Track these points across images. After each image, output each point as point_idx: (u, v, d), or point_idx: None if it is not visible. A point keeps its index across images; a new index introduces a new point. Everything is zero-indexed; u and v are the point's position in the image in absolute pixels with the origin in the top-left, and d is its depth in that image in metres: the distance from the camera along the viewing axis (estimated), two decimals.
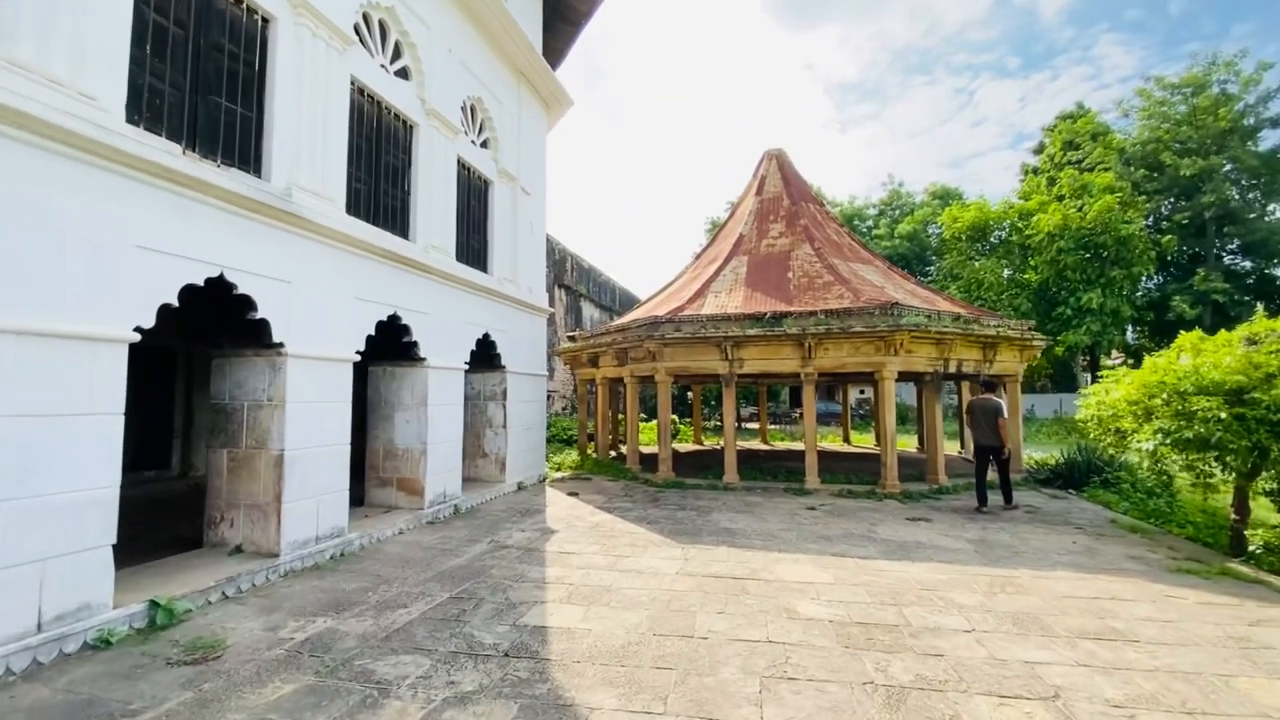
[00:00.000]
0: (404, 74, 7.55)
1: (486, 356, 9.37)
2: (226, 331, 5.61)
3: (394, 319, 6.97)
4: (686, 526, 7.21)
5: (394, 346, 7.37)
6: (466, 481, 9.20)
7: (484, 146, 9.67)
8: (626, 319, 12.51)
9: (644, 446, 13.79)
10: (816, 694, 3.22)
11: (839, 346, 9.42)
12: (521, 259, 10.52)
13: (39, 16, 3.66)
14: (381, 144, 7.17)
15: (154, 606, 4.18)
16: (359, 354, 6.33)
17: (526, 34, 10.02)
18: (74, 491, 3.75)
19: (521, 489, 10.06)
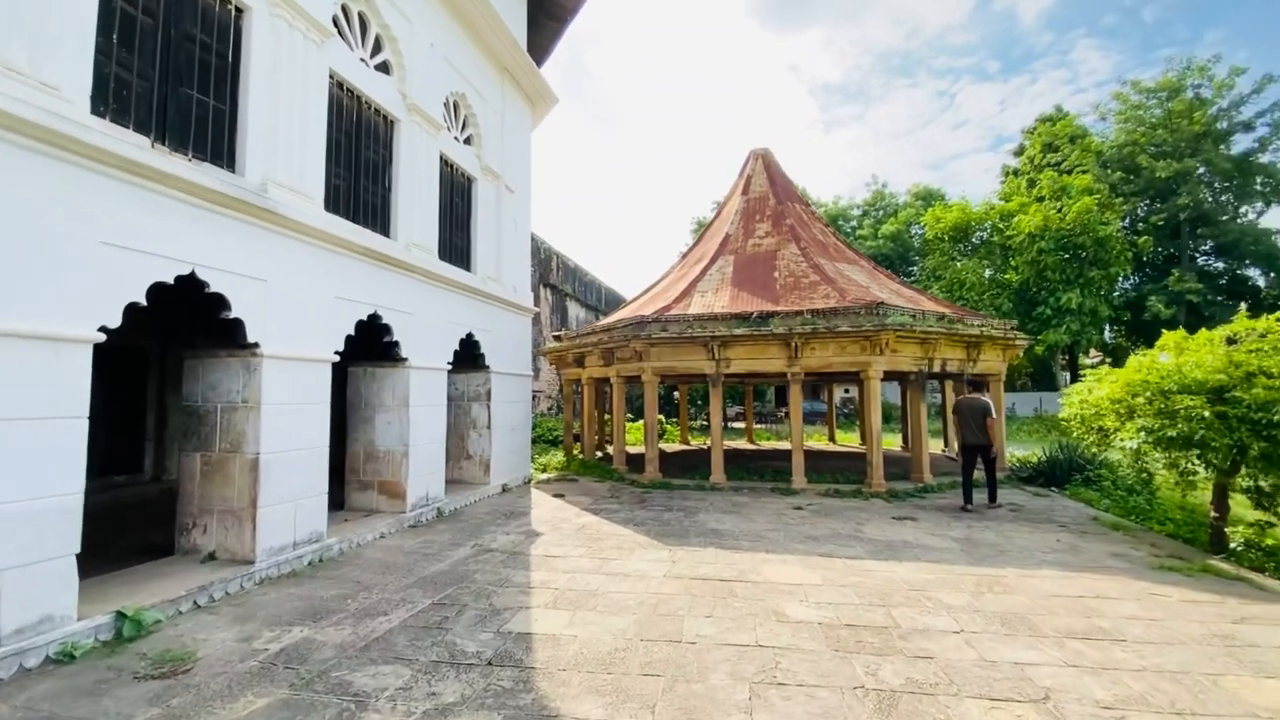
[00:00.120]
0: (385, 68, 7.40)
1: (470, 356, 9.23)
2: (199, 331, 5.43)
3: (374, 318, 6.82)
4: (673, 528, 7.14)
5: (375, 346, 7.22)
6: (450, 484, 9.05)
7: (467, 143, 9.52)
8: (613, 318, 12.42)
9: (630, 447, 13.72)
10: (807, 700, 3.17)
11: (825, 346, 9.42)
12: (506, 257, 10.39)
13: None
14: (361, 139, 7.01)
15: (121, 618, 4.01)
16: (338, 354, 6.17)
17: (510, 29, 9.88)
18: (34, 499, 3.58)
19: (506, 491, 9.93)
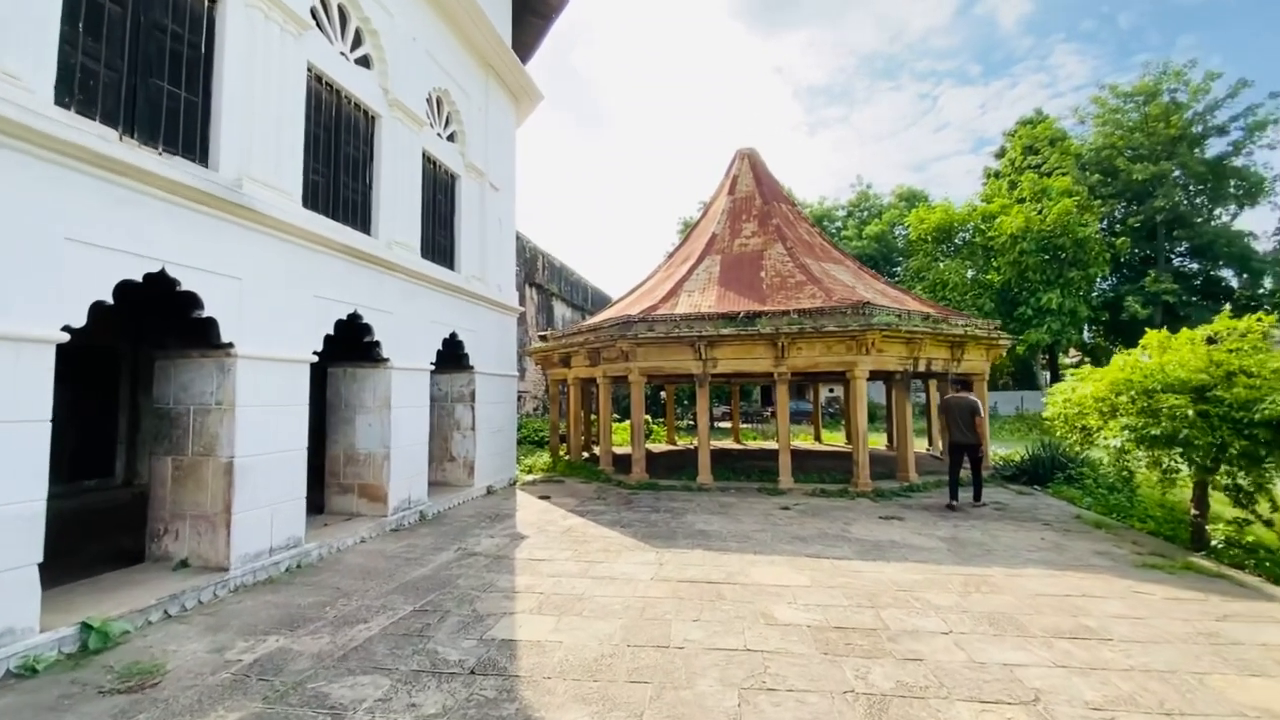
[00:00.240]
0: (365, 62, 7.24)
1: (454, 357, 9.08)
2: (171, 331, 5.25)
3: (355, 318, 6.67)
4: (661, 529, 7.07)
5: (355, 347, 7.06)
6: (433, 486, 8.90)
7: (450, 140, 9.38)
8: (599, 318, 12.33)
9: (617, 448, 13.62)
10: (797, 705, 3.11)
11: (812, 346, 9.40)
12: (490, 256, 10.25)
13: None
14: (341, 135, 6.86)
15: (86, 629, 3.85)
16: (317, 355, 6.02)
17: (494, 25, 9.75)
18: None
19: (491, 493, 9.80)
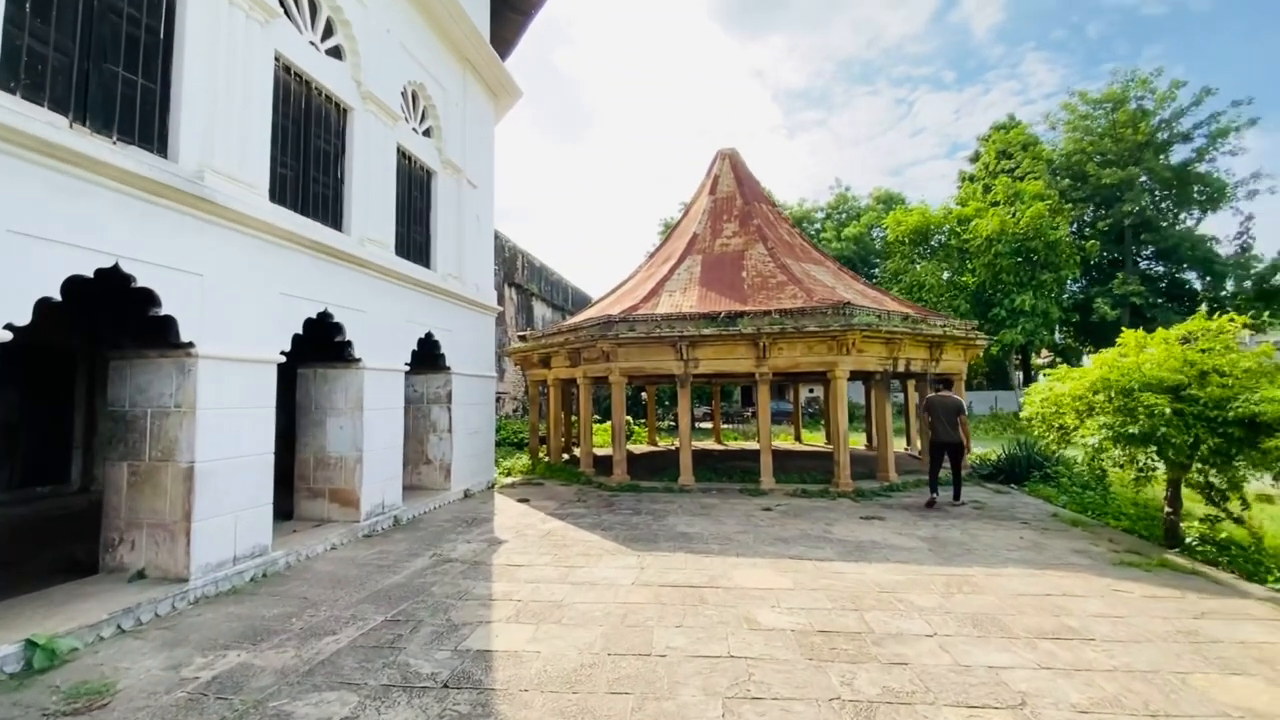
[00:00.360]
0: (337, 53, 7.02)
1: (430, 357, 8.87)
2: (128, 330, 5.00)
3: (325, 316, 6.44)
4: (642, 532, 6.96)
5: (326, 347, 6.83)
6: (408, 490, 8.67)
7: (427, 135, 9.16)
8: (579, 318, 12.18)
9: (598, 449, 13.48)
10: (782, 714, 3.02)
11: (793, 346, 9.38)
12: (468, 254, 10.04)
13: None
14: (311, 127, 6.62)
15: (31, 646, 3.61)
16: (285, 355, 5.79)
17: (472, 19, 9.55)
18: None
19: (469, 496, 9.59)
